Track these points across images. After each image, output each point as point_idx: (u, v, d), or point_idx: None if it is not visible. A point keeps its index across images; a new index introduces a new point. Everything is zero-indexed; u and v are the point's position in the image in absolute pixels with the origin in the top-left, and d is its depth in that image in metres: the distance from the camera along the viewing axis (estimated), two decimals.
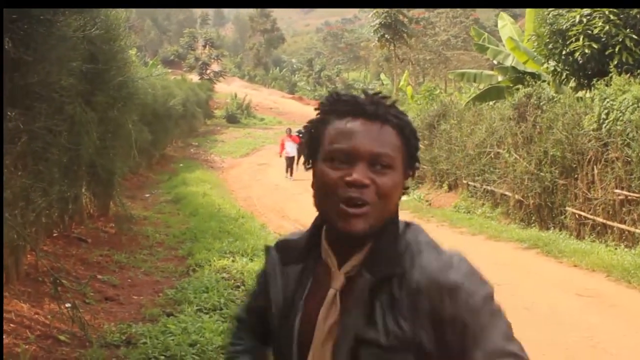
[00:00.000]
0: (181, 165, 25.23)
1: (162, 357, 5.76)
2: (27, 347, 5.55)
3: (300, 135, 13.08)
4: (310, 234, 1.71)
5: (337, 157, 1.56)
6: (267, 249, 1.80)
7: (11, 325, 5.97)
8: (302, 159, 1.75)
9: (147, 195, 17.72)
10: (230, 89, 53.01)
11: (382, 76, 43.55)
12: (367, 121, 1.58)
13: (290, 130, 26.04)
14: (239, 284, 8.35)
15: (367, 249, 1.59)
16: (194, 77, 45.94)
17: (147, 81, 15.47)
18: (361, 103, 1.60)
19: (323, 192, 1.58)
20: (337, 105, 1.62)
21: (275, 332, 1.69)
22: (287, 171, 25.02)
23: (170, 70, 36.44)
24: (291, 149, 24.91)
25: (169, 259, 10.24)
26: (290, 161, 25.02)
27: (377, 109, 1.59)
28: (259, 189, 21.33)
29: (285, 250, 1.75)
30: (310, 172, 1.65)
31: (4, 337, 5.62)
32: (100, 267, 9.05)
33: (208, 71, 51.19)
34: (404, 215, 1.64)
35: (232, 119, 45.65)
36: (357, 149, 1.55)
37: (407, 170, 1.62)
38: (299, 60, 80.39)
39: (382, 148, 1.55)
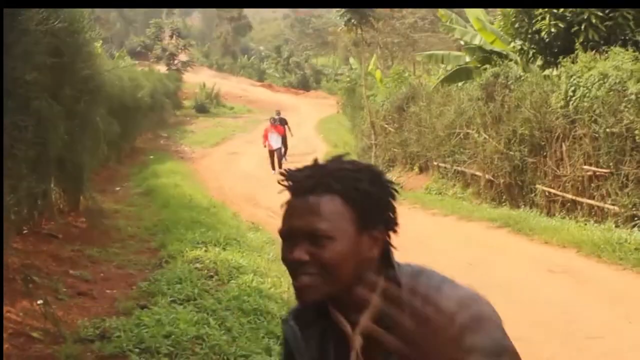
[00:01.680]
0: (151, 157, 25.05)
1: (137, 350, 5.74)
2: None
3: (273, 122, 12.94)
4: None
5: (283, 237, 1.62)
6: (284, 321, 1.83)
7: None
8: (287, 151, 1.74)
9: (118, 189, 17.60)
10: (199, 78, 52.62)
11: (352, 60, 43.50)
12: (305, 196, 1.60)
13: (274, 120, 24.49)
14: (212, 273, 8.33)
15: (372, 306, 1.55)
16: (162, 68, 45.49)
17: (114, 73, 15.36)
18: (297, 179, 1.63)
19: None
20: (285, 183, 1.65)
21: None
22: (272, 166, 23.13)
23: (137, 62, 36.09)
24: (275, 141, 23.45)
25: (141, 252, 10.18)
26: (273, 154, 23.32)
27: (312, 182, 1.60)
28: (230, 178, 21.27)
29: (301, 316, 1.78)
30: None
31: None
32: (72, 263, 8.97)
33: (176, 61, 50.76)
34: None
35: (201, 109, 45.40)
36: (292, 229, 1.60)
37: (363, 231, 1.59)
38: (267, 48, 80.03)
39: (315, 223, 1.56)
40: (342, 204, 1.58)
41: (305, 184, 1.61)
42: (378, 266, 1.63)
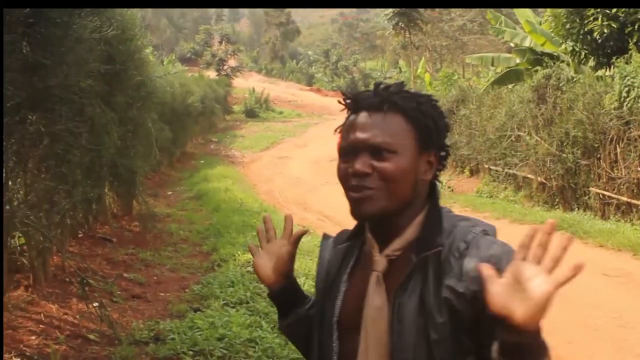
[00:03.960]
0: (202, 161, 25.28)
1: (191, 352, 5.80)
2: (57, 347, 5.60)
3: None
4: (357, 223, 1.78)
5: (344, 152, 1.68)
6: (324, 235, 1.95)
7: (41, 326, 6.03)
8: None
9: (170, 193, 17.79)
10: (248, 83, 52.97)
11: (400, 63, 43.37)
12: (369, 113, 1.67)
13: None
14: None
15: (407, 233, 1.66)
16: (212, 74, 45.90)
17: (165, 80, 15.52)
18: (362, 97, 1.70)
19: (342, 185, 1.68)
20: (347, 104, 1.73)
21: (319, 307, 1.79)
22: None
23: (187, 68, 36.49)
24: None
25: (193, 255, 10.29)
26: None
27: (378, 99, 1.67)
28: (280, 182, 21.35)
29: (339, 235, 1.89)
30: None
31: (34, 337, 5.69)
32: (126, 266, 9.10)
33: (225, 67, 51.15)
34: None
35: (251, 114, 45.66)
36: (356, 142, 1.65)
37: (423, 151, 1.67)
38: (315, 52, 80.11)
39: (380, 136, 1.62)
40: (405, 122, 1.66)
41: (370, 101, 1.68)
42: (425, 197, 1.72)
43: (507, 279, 1.36)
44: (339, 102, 1.73)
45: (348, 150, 1.66)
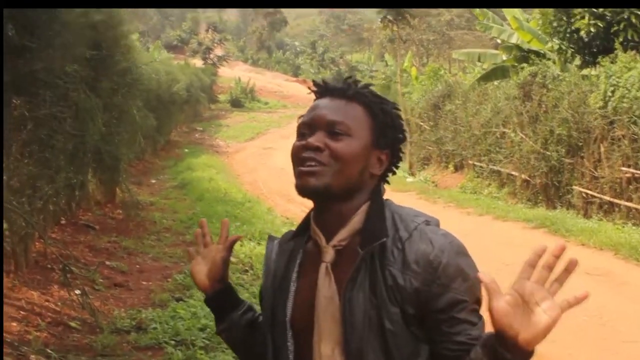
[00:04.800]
0: (186, 150, 25.20)
1: (173, 342, 5.79)
2: (38, 334, 5.58)
3: None
4: (303, 219, 1.80)
5: (302, 130, 1.71)
6: (270, 237, 1.92)
7: (22, 312, 6.00)
8: None
9: (153, 181, 17.73)
10: (234, 73, 52.74)
11: (387, 57, 43.28)
12: (333, 98, 1.71)
13: None
14: (247, 268, 8.37)
15: (352, 223, 1.67)
16: (198, 62, 45.61)
17: (150, 67, 15.45)
18: (330, 84, 1.75)
19: (292, 162, 1.71)
20: (314, 90, 1.78)
21: (268, 313, 1.76)
22: None
23: (173, 56, 36.30)
24: None
25: (176, 244, 10.25)
26: None
27: (345, 88, 1.71)
28: (264, 173, 21.32)
29: (284, 236, 1.88)
30: None
31: (14, 324, 5.65)
32: (109, 254, 9.07)
33: (211, 55, 50.89)
34: (409, 197, 1.67)
35: (236, 103, 45.47)
36: (314, 119, 1.69)
37: (376, 146, 1.70)
38: (302, 43, 79.88)
39: (339, 117, 1.66)
40: (364, 113, 1.69)
41: (337, 87, 1.72)
42: (371, 190, 1.72)
43: (512, 297, 1.38)
44: (309, 87, 1.78)
45: (305, 128, 1.70)
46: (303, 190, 1.68)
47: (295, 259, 1.76)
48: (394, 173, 1.79)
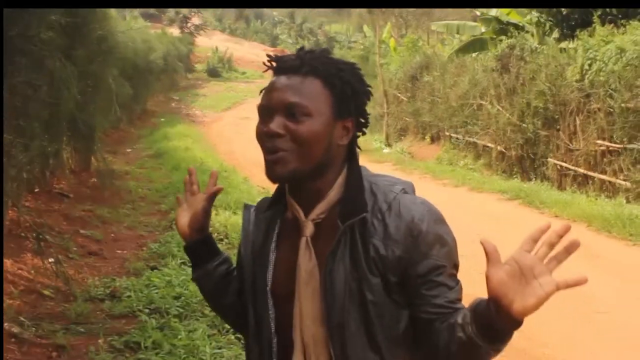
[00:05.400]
0: (162, 119, 25.02)
1: (147, 310, 5.78)
2: (11, 302, 5.55)
3: None
4: (277, 187, 1.80)
5: (261, 113, 1.69)
6: (245, 206, 1.91)
7: None
8: None
9: (129, 150, 17.62)
10: (212, 42, 52.28)
11: (365, 28, 43.12)
12: (288, 75, 1.66)
13: None
14: (222, 237, 8.35)
15: (329, 197, 1.68)
16: (175, 31, 45.15)
17: (127, 35, 15.26)
18: (283, 59, 1.70)
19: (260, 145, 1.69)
20: (271, 66, 1.71)
21: (249, 282, 1.77)
22: None
23: (150, 24, 35.90)
24: None
25: (152, 213, 10.22)
26: None
27: (298, 62, 1.66)
28: (241, 143, 21.19)
29: (260, 204, 1.87)
30: None
31: None
32: (83, 222, 9.02)
33: (189, 24, 50.42)
34: (386, 167, 1.66)
35: (213, 73, 45.20)
36: (270, 102, 1.65)
37: (338, 117, 1.67)
38: (280, 13, 79.40)
39: (295, 97, 1.62)
40: (322, 86, 1.65)
41: (291, 63, 1.67)
42: (344, 160, 1.72)
43: (511, 266, 1.39)
44: (263, 63, 1.72)
45: (264, 111, 1.67)
46: (273, 179, 1.66)
47: (274, 229, 1.76)
48: (364, 134, 1.78)
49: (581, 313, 6.79)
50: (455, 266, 1.64)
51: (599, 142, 12.21)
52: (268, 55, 1.73)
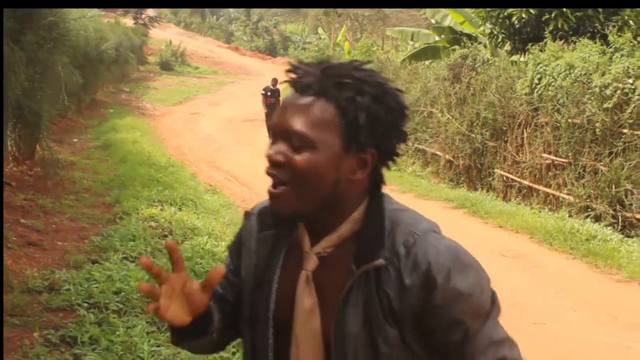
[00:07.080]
0: (112, 111, 24.65)
1: (86, 304, 5.68)
2: None
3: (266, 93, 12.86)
4: None
5: (270, 134, 1.54)
6: (247, 214, 1.72)
7: None
8: None
9: (76, 140, 17.33)
10: (165, 35, 51.77)
11: (320, 30, 43.28)
12: (300, 95, 1.48)
13: (270, 91, 20.72)
14: (166, 233, 8.26)
15: (341, 230, 1.52)
16: (129, 21, 44.61)
17: (79, 23, 15.00)
18: (299, 73, 1.51)
19: None
20: (289, 76, 1.54)
21: (249, 304, 1.63)
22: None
23: (103, 13, 35.33)
24: None
25: (95, 206, 10.06)
26: None
27: (312, 80, 1.48)
28: (190, 139, 21.06)
29: (265, 215, 1.64)
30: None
31: None
32: (24, 212, 8.83)
33: (143, 16, 49.89)
34: None
35: (166, 66, 44.74)
36: (275, 125, 1.50)
37: (349, 150, 1.48)
38: (236, 10, 79.09)
39: (298, 125, 1.44)
40: (334, 113, 1.45)
41: (305, 80, 1.48)
42: (363, 193, 1.54)
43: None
44: (286, 72, 1.53)
45: (272, 133, 1.52)
46: (275, 218, 1.52)
47: (279, 252, 1.59)
48: (388, 168, 1.59)
49: (519, 323, 6.87)
50: (481, 316, 1.55)
51: (545, 155, 12.40)
52: (289, 63, 1.54)
